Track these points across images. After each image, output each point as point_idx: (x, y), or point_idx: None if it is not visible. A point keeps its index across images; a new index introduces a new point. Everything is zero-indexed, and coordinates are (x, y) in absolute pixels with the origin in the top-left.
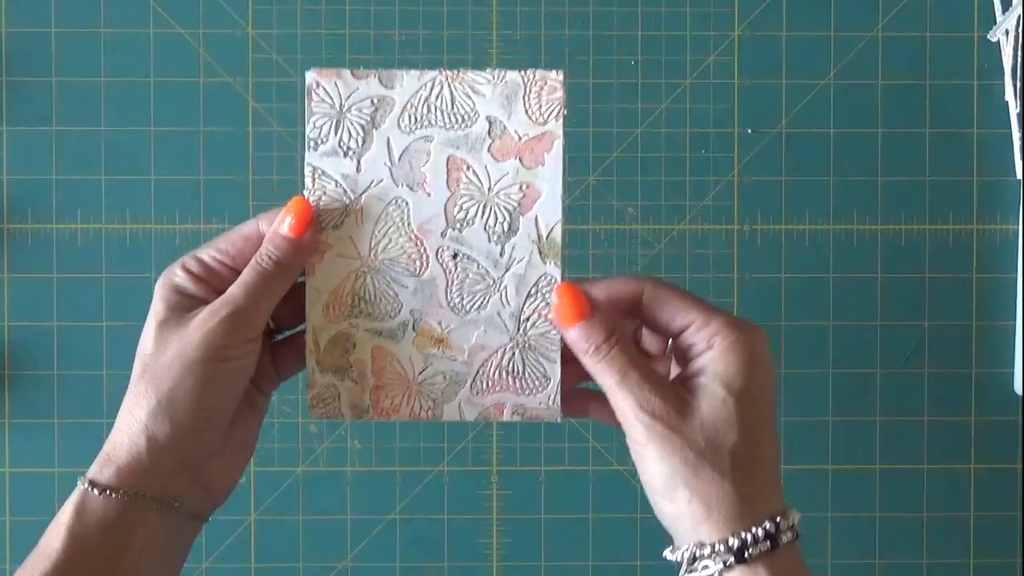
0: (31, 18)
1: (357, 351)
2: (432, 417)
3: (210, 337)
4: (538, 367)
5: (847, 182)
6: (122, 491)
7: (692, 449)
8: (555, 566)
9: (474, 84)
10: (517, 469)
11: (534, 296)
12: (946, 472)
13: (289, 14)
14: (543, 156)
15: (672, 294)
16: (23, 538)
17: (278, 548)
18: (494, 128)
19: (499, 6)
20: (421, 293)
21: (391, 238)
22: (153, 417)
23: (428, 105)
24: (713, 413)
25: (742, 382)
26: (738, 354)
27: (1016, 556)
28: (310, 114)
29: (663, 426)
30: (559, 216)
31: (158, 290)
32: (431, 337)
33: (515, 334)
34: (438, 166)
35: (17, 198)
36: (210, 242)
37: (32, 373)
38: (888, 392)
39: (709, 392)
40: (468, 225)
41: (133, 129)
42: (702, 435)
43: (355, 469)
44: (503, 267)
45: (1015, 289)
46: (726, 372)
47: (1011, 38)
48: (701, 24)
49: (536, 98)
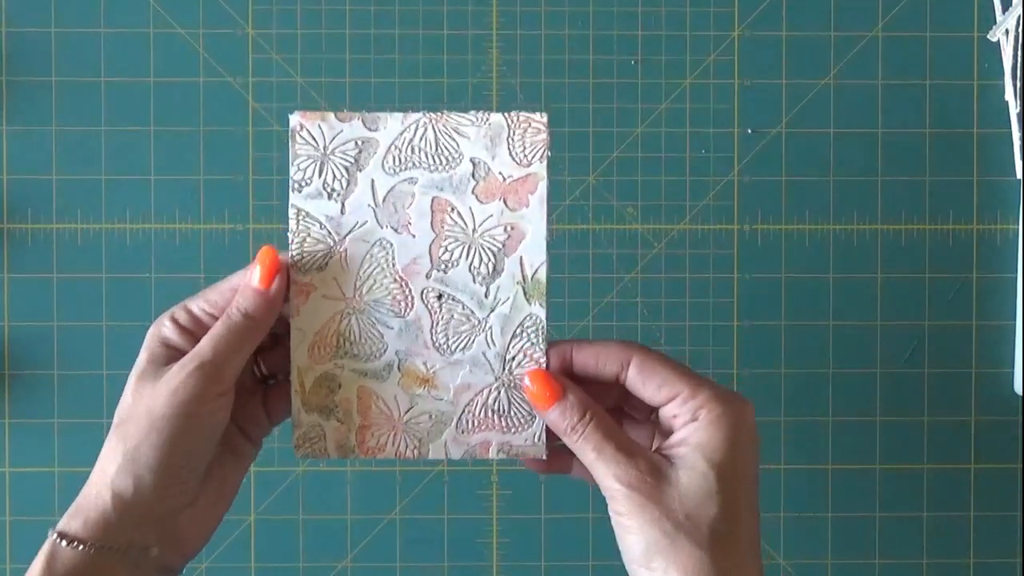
0: (31, 18)
1: (343, 391)
2: (418, 456)
3: (177, 392)
4: (523, 406)
5: (847, 182)
6: (89, 544)
7: (670, 520)
8: (555, 566)
9: (458, 126)
10: (517, 469)
11: (519, 336)
12: (946, 472)
13: (289, 14)
14: (527, 198)
15: (660, 365)
16: (23, 538)
17: (278, 548)
18: (478, 170)
19: (499, 6)
20: (406, 334)
21: (376, 279)
22: (120, 473)
23: (412, 147)
24: (694, 485)
25: (725, 456)
26: (723, 428)
27: (1016, 556)
28: (294, 156)
29: (641, 496)
30: (544, 257)
31: (146, 340)
32: (416, 377)
33: (500, 374)
34: (422, 208)
35: (17, 198)
36: (201, 293)
37: (32, 373)
38: (888, 392)
39: (691, 463)
40: (453, 266)
41: (133, 129)
42: (681, 507)
43: (355, 469)
44: (488, 308)
45: (1015, 289)
46: (709, 445)
47: (1011, 38)
48: (701, 24)
49: (520, 140)
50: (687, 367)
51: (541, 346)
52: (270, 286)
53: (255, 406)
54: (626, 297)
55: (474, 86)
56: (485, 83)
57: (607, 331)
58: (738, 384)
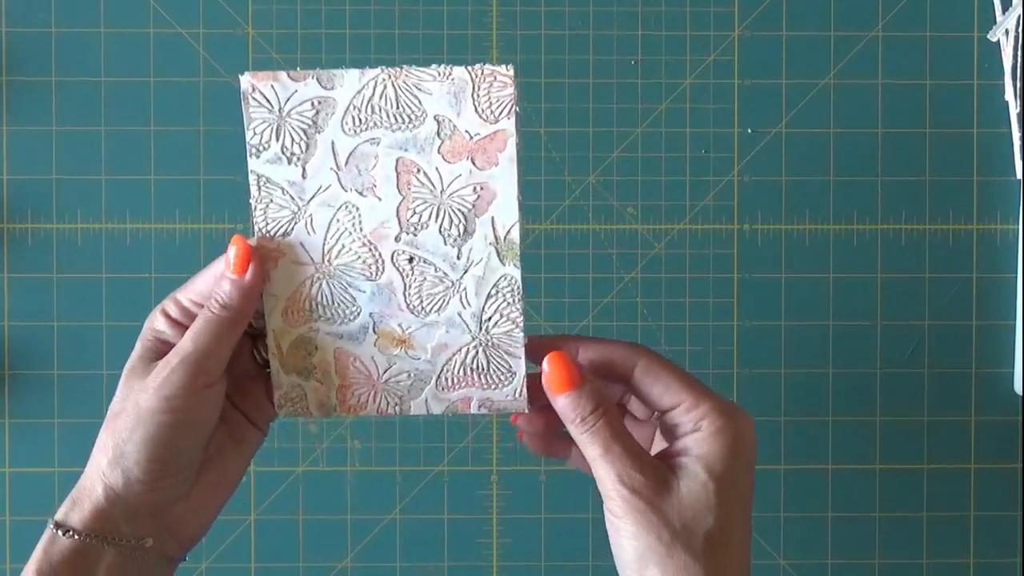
0: (31, 18)
1: (319, 353)
2: (400, 413)
3: (162, 388)
4: (502, 363)
5: (847, 182)
6: (84, 534)
7: (667, 528)
8: (555, 566)
9: (419, 82)
10: (517, 469)
11: (494, 297)
12: (946, 472)
13: (289, 14)
14: (496, 156)
15: (665, 371)
16: (23, 538)
17: (278, 548)
18: (443, 128)
19: (499, 6)
20: (379, 297)
21: (344, 244)
22: (109, 466)
23: (372, 106)
24: (693, 496)
25: (724, 468)
26: (724, 440)
27: (1016, 556)
28: (248, 120)
29: (642, 502)
30: (516, 217)
31: (141, 333)
32: (392, 338)
33: (477, 334)
34: (387, 169)
35: (17, 198)
36: (188, 283)
37: (32, 373)
38: (888, 392)
39: (691, 474)
40: (422, 228)
41: (133, 129)
42: (679, 516)
43: (355, 469)
44: (461, 269)
45: (1015, 289)
46: (711, 456)
47: (1011, 38)
48: (701, 24)
49: (486, 95)
50: (691, 376)
51: (517, 306)
52: (244, 274)
53: (257, 392)
54: (626, 297)
55: None
56: None
57: (607, 331)
58: (738, 384)
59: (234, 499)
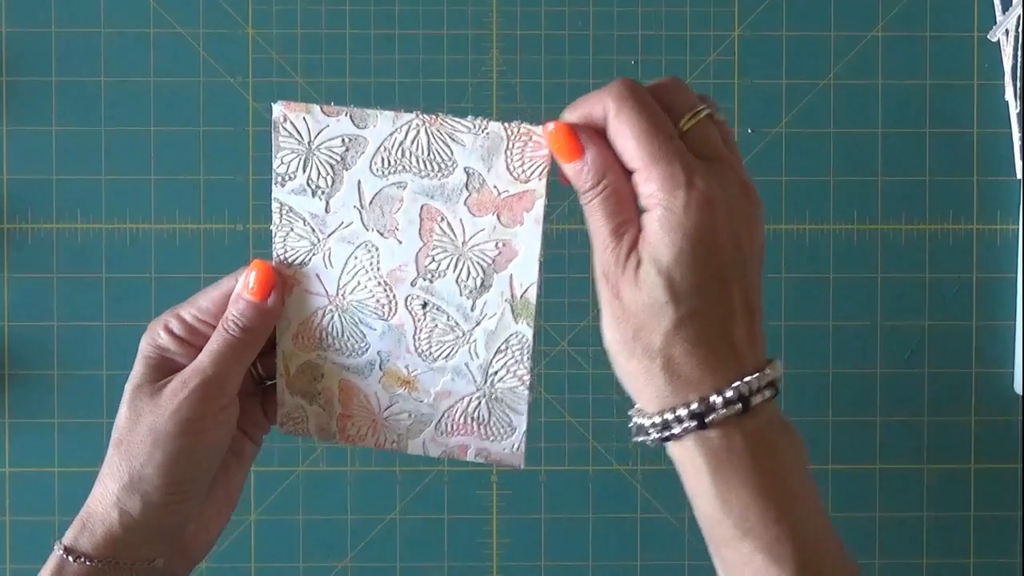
0: (31, 18)
1: (325, 380)
2: (397, 449)
3: (180, 411)
4: (504, 417)
5: (847, 182)
6: (96, 560)
7: (629, 324)
8: (555, 566)
9: (453, 132)
10: None
11: (504, 352)
12: (946, 472)
13: (289, 14)
14: (522, 215)
15: (624, 125)
16: (23, 538)
17: (278, 548)
18: (472, 181)
19: (499, 6)
20: (389, 336)
21: (359, 281)
22: (125, 492)
23: (403, 150)
24: (646, 292)
25: (671, 258)
26: (666, 224)
27: (1016, 556)
28: (277, 149)
29: (609, 291)
30: (535, 278)
31: (141, 349)
32: (398, 378)
33: (482, 385)
34: (411, 214)
35: (17, 198)
36: (191, 299)
37: (32, 373)
38: (888, 392)
39: (646, 266)
40: (439, 277)
41: (133, 129)
42: (637, 312)
43: (355, 469)
44: (474, 321)
45: (1015, 289)
46: (656, 245)
47: (1011, 38)
48: (701, 24)
49: (519, 154)
50: (654, 127)
51: (525, 364)
52: (266, 298)
53: (255, 408)
54: None
55: (474, 86)
56: (485, 83)
57: None
58: None
59: (239, 500)
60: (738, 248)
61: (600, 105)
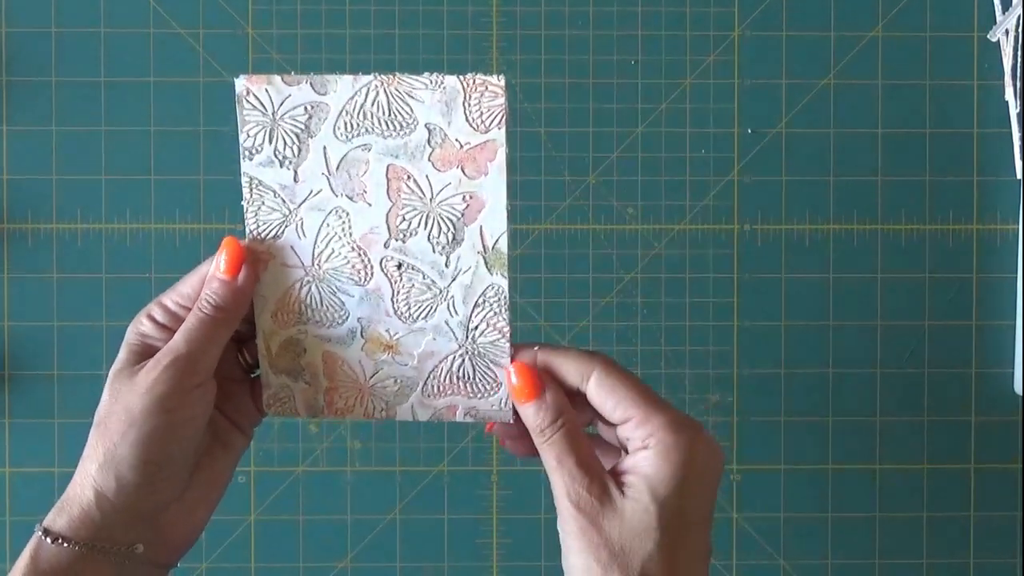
0: (31, 18)
1: (308, 355)
2: (386, 417)
3: (153, 388)
4: (488, 372)
5: (847, 182)
6: (74, 541)
7: (606, 549)
8: (555, 566)
9: (411, 90)
10: (517, 469)
11: (481, 306)
12: (946, 472)
13: (289, 14)
14: (486, 165)
15: (619, 382)
16: (23, 538)
17: (278, 548)
18: (434, 136)
19: (499, 6)
20: (367, 302)
21: (333, 248)
22: (101, 472)
23: (364, 112)
24: (635, 518)
25: (670, 490)
26: (671, 461)
27: (1016, 556)
28: (243, 123)
29: (585, 520)
30: (504, 227)
31: (125, 337)
32: (380, 343)
33: (464, 342)
34: (378, 176)
35: (17, 198)
36: (173, 287)
37: (32, 373)
38: (888, 392)
39: (635, 494)
40: (411, 236)
41: (133, 129)
42: (619, 537)
43: (355, 469)
44: (449, 277)
45: (1015, 289)
46: (655, 477)
47: (1011, 38)
48: (701, 24)
49: (477, 104)
50: (647, 388)
51: (504, 315)
52: (236, 275)
53: (243, 396)
54: (626, 297)
55: None
56: None
57: (607, 331)
58: (738, 384)
59: (234, 499)
60: (715, 493)
61: (576, 365)
